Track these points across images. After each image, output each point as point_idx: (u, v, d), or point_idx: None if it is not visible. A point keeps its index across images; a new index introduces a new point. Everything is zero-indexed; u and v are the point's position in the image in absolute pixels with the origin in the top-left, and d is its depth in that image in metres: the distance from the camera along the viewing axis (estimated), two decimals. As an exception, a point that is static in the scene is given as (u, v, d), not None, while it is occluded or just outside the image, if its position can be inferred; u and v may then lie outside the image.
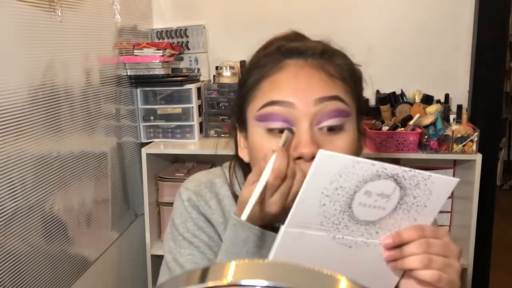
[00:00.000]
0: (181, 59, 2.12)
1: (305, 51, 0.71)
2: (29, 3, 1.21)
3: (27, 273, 1.20)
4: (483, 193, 1.74)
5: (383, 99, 1.92)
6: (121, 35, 1.78)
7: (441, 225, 1.94)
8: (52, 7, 1.32)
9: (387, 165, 0.55)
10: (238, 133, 0.79)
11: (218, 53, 2.10)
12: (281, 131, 0.67)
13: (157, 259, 1.94)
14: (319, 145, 0.66)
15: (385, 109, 1.90)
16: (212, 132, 2.02)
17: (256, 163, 0.70)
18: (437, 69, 2.01)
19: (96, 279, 1.59)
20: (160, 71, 1.85)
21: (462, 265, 1.78)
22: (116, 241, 1.75)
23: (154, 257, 1.93)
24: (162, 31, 2.10)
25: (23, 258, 1.19)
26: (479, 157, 1.69)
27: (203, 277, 0.29)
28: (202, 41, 2.11)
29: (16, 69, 1.16)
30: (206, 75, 2.12)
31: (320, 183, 0.55)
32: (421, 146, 1.72)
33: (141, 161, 1.85)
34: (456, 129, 1.71)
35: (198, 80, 2.04)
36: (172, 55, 1.95)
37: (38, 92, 1.24)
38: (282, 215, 0.68)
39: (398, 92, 1.98)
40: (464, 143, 1.69)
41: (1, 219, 1.10)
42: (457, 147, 1.70)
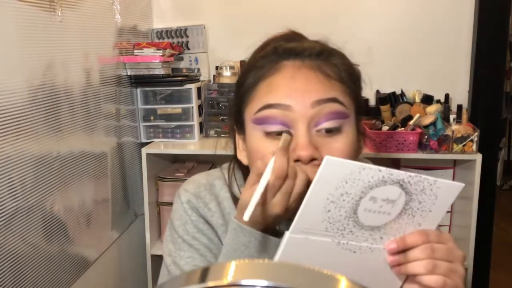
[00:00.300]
0: (181, 59, 2.12)
1: (302, 52, 0.70)
2: (29, 3, 1.21)
3: (27, 273, 1.20)
4: (483, 193, 1.75)
5: (383, 99, 1.92)
6: (121, 35, 1.78)
7: (441, 225, 1.94)
8: (52, 7, 1.32)
9: (393, 170, 0.55)
10: (237, 135, 0.79)
11: (218, 53, 2.10)
12: (278, 134, 0.67)
13: (157, 259, 1.94)
14: (317, 147, 0.66)
15: (385, 109, 1.90)
16: (212, 132, 2.02)
17: (254, 165, 0.70)
18: (437, 69, 2.01)
19: (96, 279, 1.59)
20: (160, 71, 1.85)
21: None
22: (116, 241, 1.75)
23: (154, 257, 1.93)
24: (162, 31, 2.10)
25: (23, 258, 1.19)
26: (479, 157, 1.69)
27: (203, 277, 0.29)
28: (202, 41, 2.11)
29: (16, 69, 1.16)
30: (206, 75, 2.12)
31: (325, 189, 0.54)
32: (421, 146, 1.72)
33: (141, 161, 1.85)
34: (456, 129, 1.71)
35: (198, 80, 2.04)
36: (172, 55, 1.95)
37: (38, 92, 1.24)
38: (284, 217, 0.68)
39: (398, 92, 1.98)
40: (464, 143, 1.69)
41: (1, 219, 1.10)
42: (457, 147, 1.70)
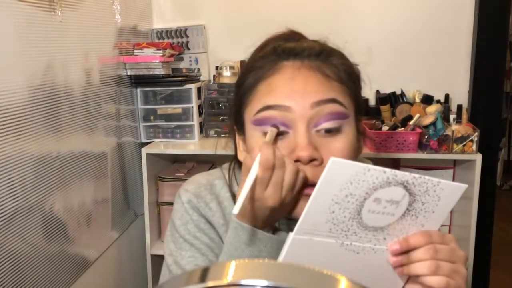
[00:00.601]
0: (181, 59, 2.12)
1: (301, 52, 0.70)
2: (29, 3, 1.21)
3: (27, 273, 1.20)
4: (483, 193, 1.75)
5: (383, 99, 1.92)
6: (121, 35, 1.78)
7: (441, 225, 1.94)
8: (52, 7, 1.32)
9: (398, 172, 0.55)
10: (237, 136, 0.78)
11: (218, 53, 2.10)
12: (278, 134, 0.67)
13: (157, 259, 1.94)
14: (317, 147, 0.66)
15: (385, 109, 1.90)
16: (212, 132, 2.02)
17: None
18: (437, 69, 2.01)
19: (96, 279, 1.59)
20: (160, 71, 1.85)
21: (462, 265, 1.79)
22: (116, 241, 1.75)
23: (154, 257, 1.93)
24: (162, 31, 2.10)
25: (23, 258, 1.19)
26: (479, 157, 1.69)
27: (203, 277, 0.29)
28: (202, 41, 2.11)
29: (16, 69, 1.16)
30: (206, 75, 2.12)
31: (330, 190, 0.54)
32: (421, 146, 1.72)
33: (141, 161, 1.85)
34: (456, 129, 1.71)
35: (198, 80, 2.04)
36: (172, 55, 1.95)
37: (38, 92, 1.24)
38: (282, 213, 0.68)
39: (398, 92, 1.98)
40: (464, 143, 1.69)
41: (1, 219, 1.10)
42: (457, 147, 1.70)
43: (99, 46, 1.62)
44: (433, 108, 1.81)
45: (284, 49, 0.71)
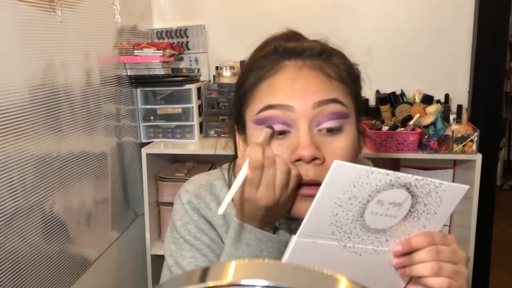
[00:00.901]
0: (181, 59, 2.12)
1: (302, 52, 0.70)
2: (29, 3, 1.21)
3: (27, 273, 1.20)
4: (483, 193, 1.75)
5: (383, 99, 1.92)
6: (121, 35, 1.78)
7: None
8: (52, 7, 1.32)
9: (400, 174, 0.55)
10: (237, 135, 0.78)
11: (218, 53, 2.10)
12: (280, 133, 0.67)
13: (157, 259, 1.94)
14: (319, 146, 0.66)
15: (385, 109, 1.90)
16: (212, 132, 2.02)
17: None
18: (437, 69, 2.01)
19: (96, 279, 1.59)
20: (160, 71, 1.85)
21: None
22: (116, 241, 1.75)
23: (154, 257, 1.93)
24: (162, 31, 2.10)
25: (23, 258, 1.19)
26: (479, 157, 1.69)
27: (203, 277, 0.29)
28: (202, 41, 2.11)
29: (16, 69, 1.16)
30: (206, 75, 2.12)
31: (334, 193, 0.54)
32: (421, 146, 1.72)
33: (141, 161, 1.85)
34: (456, 129, 1.71)
35: (198, 80, 2.04)
36: (172, 55, 1.95)
37: (38, 92, 1.24)
38: (278, 212, 0.68)
39: (398, 92, 1.98)
40: (464, 143, 1.69)
41: (1, 219, 1.10)
42: (457, 147, 1.70)
43: (99, 46, 1.62)
44: (433, 108, 1.81)
45: (286, 48, 0.71)
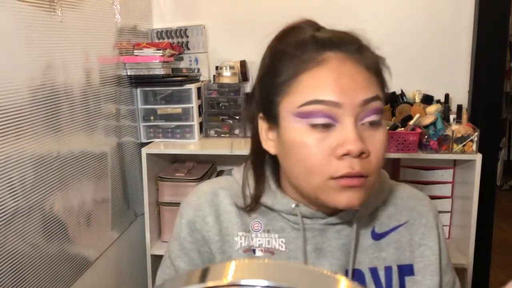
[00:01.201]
0: (181, 59, 2.12)
1: (340, 43, 0.69)
2: (29, 3, 1.21)
3: (27, 273, 1.20)
4: (483, 193, 1.74)
5: (383, 99, 1.92)
6: (121, 35, 1.78)
7: (442, 225, 1.94)
8: (52, 7, 1.32)
9: None
10: (261, 123, 0.75)
11: (218, 53, 2.10)
12: (324, 126, 0.66)
13: (157, 259, 1.94)
14: (363, 140, 0.66)
15: (385, 109, 1.90)
16: (212, 132, 2.02)
17: (295, 157, 0.69)
18: (437, 69, 2.01)
19: (96, 279, 1.59)
20: (160, 71, 1.85)
21: (462, 265, 1.79)
22: (116, 241, 1.75)
23: (154, 257, 1.93)
24: (162, 31, 2.10)
25: (23, 258, 1.19)
26: (479, 157, 1.69)
27: (203, 277, 0.29)
28: (202, 41, 2.11)
29: (16, 69, 1.16)
30: (206, 75, 2.12)
31: None
32: (421, 146, 1.72)
33: (141, 161, 1.85)
34: (456, 129, 1.71)
35: (198, 80, 2.04)
36: (172, 55, 1.95)
37: (38, 92, 1.24)
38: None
39: (398, 92, 1.98)
40: (464, 143, 1.69)
41: (1, 219, 1.10)
42: (457, 147, 1.70)
43: (99, 46, 1.62)
44: (433, 108, 1.81)
45: (324, 39, 0.69)
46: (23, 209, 1.18)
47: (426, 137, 1.70)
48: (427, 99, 1.90)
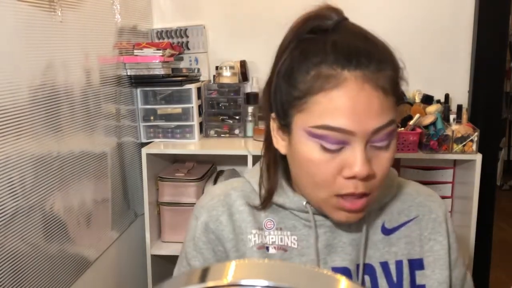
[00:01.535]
0: (181, 59, 2.12)
1: (360, 58, 0.66)
2: (29, 3, 1.21)
3: (27, 273, 1.20)
4: (483, 193, 1.75)
5: (383, 99, 1.92)
6: (121, 35, 1.78)
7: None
8: (52, 7, 1.32)
9: None
10: (272, 122, 0.75)
11: (218, 53, 2.10)
12: (334, 150, 0.66)
13: (157, 259, 1.94)
14: (370, 161, 0.67)
15: (385, 109, 1.90)
16: (212, 132, 2.02)
17: (303, 170, 0.70)
18: (437, 69, 2.01)
19: (96, 279, 1.59)
20: (160, 71, 1.85)
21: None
22: (116, 241, 1.75)
23: (154, 257, 1.93)
24: (162, 31, 2.10)
25: (23, 258, 1.19)
26: (479, 157, 1.69)
27: (203, 277, 0.29)
28: (202, 41, 2.11)
29: (16, 69, 1.16)
30: (206, 75, 2.12)
31: None
32: (421, 146, 1.72)
33: (141, 161, 1.85)
34: (456, 129, 1.71)
35: (198, 80, 2.04)
36: (172, 55, 1.95)
37: (38, 92, 1.24)
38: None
39: (398, 92, 1.98)
40: (464, 143, 1.69)
41: (1, 219, 1.10)
42: (457, 147, 1.70)
43: (99, 46, 1.62)
44: (433, 108, 1.81)
45: (346, 52, 0.66)
46: (23, 209, 1.18)
47: (426, 137, 1.70)
48: (427, 99, 1.90)
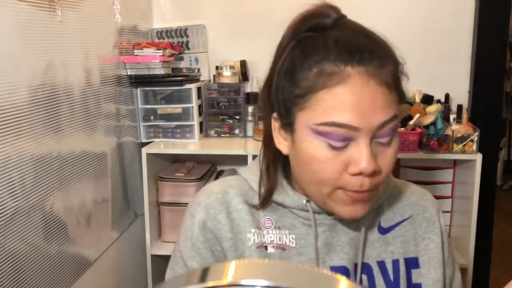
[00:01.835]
0: (181, 59, 2.12)
1: (362, 54, 0.66)
2: (29, 3, 1.21)
3: (27, 273, 1.20)
4: (483, 193, 1.75)
5: (383, 99, 1.92)
6: (121, 35, 1.78)
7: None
8: (52, 7, 1.32)
9: None
10: (274, 121, 0.74)
11: (218, 53, 2.10)
12: (340, 147, 0.66)
13: (157, 259, 1.94)
14: (376, 157, 0.67)
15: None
16: (212, 132, 2.02)
17: (308, 168, 0.69)
18: (437, 69, 2.01)
19: (96, 279, 1.59)
20: (160, 71, 1.85)
21: (462, 265, 1.79)
22: (116, 241, 1.75)
23: (154, 257, 1.93)
24: (162, 31, 2.10)
25: (23, 258, 1.19)
26: (479, 157, 1.69)
27: (203, 277, 0.29)
28: (202, 41, 2.11)
29: (16, 69, 1.16)
30: (206, 75, 2.12)
31: None
32: (421, 146, 1.72)
33: (141, 161, 1.85)
34: (456, 129, 1.71)
35: (198, 80, 2.04)
36: (172, 55, 1.95)
37: (38, 92, 1.24)
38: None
39: (398, 92, 1.98)
40: (464, 143, 1.69)
41: (1, 219, 1.10)
42: (457, 147, 1.70)
43: (99, 46, 1.62)
44: (433, 108, 1.81)
45: (348, 48, 0.66)
46: (23, 209, 1.18)
47: (426, 137, 1.70)
48: (427, 99, 1.90)
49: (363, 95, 0.64)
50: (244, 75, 2.05)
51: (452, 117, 1.87)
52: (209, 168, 2.04)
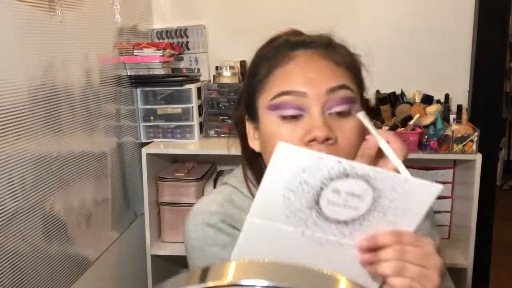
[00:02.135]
0: (181, 59, 2.12)
1: (312, 43, 0.75)
2: (29, 3, 1.21)
3: (27, 273, 1.20)
4: (483, 193, 1.74)
5: (383, 99, 1.92)
6: (121, 35, 1.78)
7: (441, 225, 1.94)
8: (52, 7, 1.32)
9: (356, 164, 0.54)
10: (248, 124, 0.81)
11: (218, 53, 2.10)
12: (293, 117, 0.71)
13: (157, 259, 1.94)
14: (331, 128, 0.69)
15: (385, 109, 1.90)
16: (212, 132, 2.02)
17: (270, 147, 0.70)
18: (437, 69, 2.01)
19: (96, 279, 1.59)
20: (160, 71, 1.85)
21: (462, 265, 1.79)
22: (116, 241, 1.75)
23: (154, 257, 1.93)
24: (162, 31, 2.10)
25: (23, 258, 1.19)
26: (479, 157, 1.69)
27: (203, 277, 0.29)
28: (202, 41, 2.11)
29: (16, 69, 1.16)
30: (206, 75, 2.12)
31: (281, 175, 0.55)
32: (421, 146, 1.72)
33: (141, 161, 1.85)
34: (456, 129, 1.71)
35: (198, 80, 2.04)
36: (172, 55, 1.95)
37: (38, 92, 1.24)
38: None
39: (398, 92, 1.98)
40: (464, 143, 1.69)
41: (1, 219, 1.10)
42: (457, 147, 1.70)
43: (99, 46, 1.62)
44: (433, 108, 1.81)
45: (296, 40, 0.76)
46: (23, 209, 1.18)
47: (426, 137, 1.70)
48: (427, 99, 1.90)
49: (309, 67, 0.73)
50: (244, 75, 2.05)
51: (452, 117, 1.87)
52: (209, 168, 2.04)
